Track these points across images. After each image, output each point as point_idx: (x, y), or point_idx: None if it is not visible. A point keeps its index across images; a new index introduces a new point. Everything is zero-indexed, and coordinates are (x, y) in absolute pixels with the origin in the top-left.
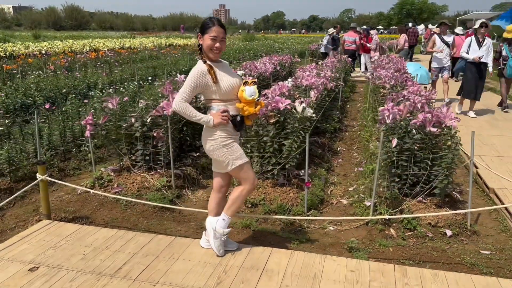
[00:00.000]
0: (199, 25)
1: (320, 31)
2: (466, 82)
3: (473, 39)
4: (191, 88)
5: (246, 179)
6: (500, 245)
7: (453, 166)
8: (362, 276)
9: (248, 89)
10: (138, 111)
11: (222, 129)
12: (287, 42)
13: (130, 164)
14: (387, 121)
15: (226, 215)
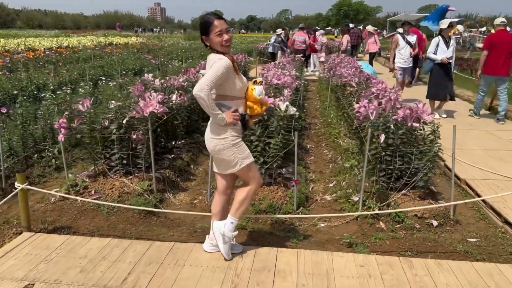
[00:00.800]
0: (200, 28)
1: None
2: (434, 83)
3: (440, 39)
4: (217, 78)
5: (253, 178)
6: (482, 232)
7: (436, 159)
8: (372, 270)
9: (258, 88)
10: (112, 113)
11: (232, 128)
12: None
13: (106, 169)
14: (371, 117)
15: (234, 217)
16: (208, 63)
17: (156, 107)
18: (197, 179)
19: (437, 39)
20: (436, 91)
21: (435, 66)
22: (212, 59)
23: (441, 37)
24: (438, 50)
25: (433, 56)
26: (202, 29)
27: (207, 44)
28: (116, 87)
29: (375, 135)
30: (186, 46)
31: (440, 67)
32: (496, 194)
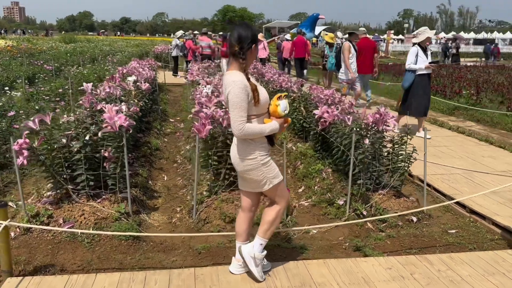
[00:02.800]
0: (248, 35)
1: (134, 34)
2: (417, 97)
3: (419, 49)
4: (243, 106)
5: (282, 197)
6: (455, 223)
7: (411, 160)
8: (401, 271)
9: (283, 103)
10: (72, 129)
11: (261, 147)
12: (112, 45)
13: (71, 193)
14: (348, 122)
15: (264, 238)
16: (223, 86)
17: (124, 120)
18: (162, 196)
19: (415, 49)
20: (418, 105)
21: (416, 78)
22: (226, 83)
23: (419, 46)
24: (418, 60)
25: (415, 67)
26: (254, 37)
27: (245, 53)
28: (22, 98)
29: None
30: (69, 50)
31: (422, 79)
32: (448, 186)
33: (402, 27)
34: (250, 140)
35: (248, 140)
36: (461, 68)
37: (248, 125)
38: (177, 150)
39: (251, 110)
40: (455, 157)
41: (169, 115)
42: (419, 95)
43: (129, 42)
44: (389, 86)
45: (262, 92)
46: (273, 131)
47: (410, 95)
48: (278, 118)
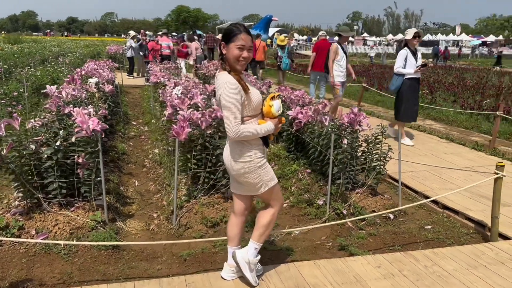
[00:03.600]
0: (223, 33)
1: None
2: (405, 102)
3: (408, 51)
4: (236, 107)
5: (277, 200)
6: (430, 219)
7: (387, 158)
8: (390, 268)
9: (276, 103)
10: (42, 134)
11: (256, 148)
12: (61, 46)
13: (43, 202)
14: (325, 123)
15: (258, 243)
16: (216, 87)
17: (97, 124)
18: (135, 202)
19: (404, 51)
20: (406, 111)
21: (405, 82)
22: (218, 83)
23: (408, 49)
24: (407, 64)
25: (404, 71)
26: (225, 35)
27: (223, 52)
28: None
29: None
30: (16, 51)
31: (411, 83)
32: (419, 183)
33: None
34: (245, 142)
35: (244, 143)
36: None
37: (243, 127)
38: (145, 154)
39: (245, 111)
40: (421, 155)
41: (131, 117)
42: (408, 100)
43: (78, 43)
44: (349, 86)
45: (255, 93)
46: (268, 132)
47: (399, 100)
48: (272, 119)
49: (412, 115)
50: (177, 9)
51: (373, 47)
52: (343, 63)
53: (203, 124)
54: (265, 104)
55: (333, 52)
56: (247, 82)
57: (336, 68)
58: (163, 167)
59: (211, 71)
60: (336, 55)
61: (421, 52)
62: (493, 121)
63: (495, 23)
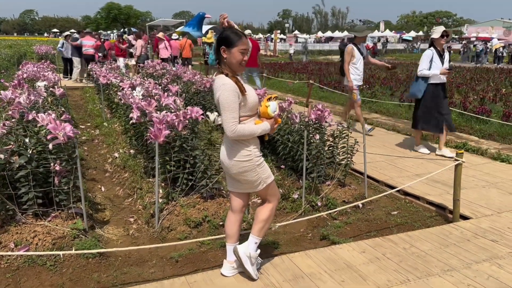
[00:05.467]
0: (223, 38)
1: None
2: (429, 110)
3: (434, 52)
4: (234, 107)
5: (274, 195)
6: (394, 205)
7: (354, 151)
8: (373, 253)
9: (272, 104)
10: (12, 143)
11: (255, 148)
12: None
13: (18, 213)
14: (296, 120)
15: (258, 237)
16: (214, 90)
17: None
18: (107, 208)
19: (429, 52)
20: (427, 119)
21: (429, 87)
22: (216, 86)
23: (434, 49)
24: (432, 66)
25: (428, 73)
26: (226, 40)
27: (224, 56)
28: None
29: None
30: None
31: (435, 88)
32: (378, 173)
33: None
34: (245, 141)
35: (244, 142)
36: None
37: (240, 126)
38: (103, 159)
39: (242, 111)
40: (374, 146)
41: (78, 121)
42: (429, 108)
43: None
44: (297, 84)
45: (251, 94)
46: (264, 131)
47: (418, 107)
48: (269, 119)
49: (437, 124)
50: (107, 6)
51: (292, 44)
52: (359, 65)
53: (180, 126)
54: (261, 104)
55: (348, 54)
56: (243, 84)
57: (353, 72)
58: (128, 170)
59: (158, 71)
60: (352, 57)
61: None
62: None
63: (416, 20)
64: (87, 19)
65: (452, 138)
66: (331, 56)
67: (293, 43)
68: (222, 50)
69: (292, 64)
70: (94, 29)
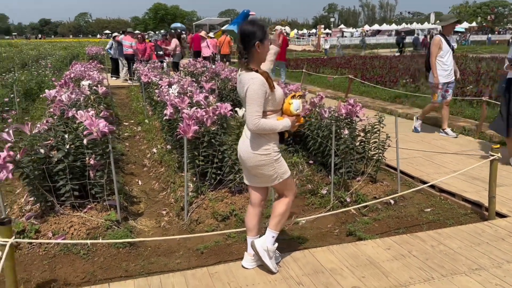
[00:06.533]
0: (254, 31)
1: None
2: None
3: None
4: (260, 102)
5: (290, 190)
6: (428, 202)
7: (385, 147)
8: (399, 250)
9: (295, 102)
10: (51, 138)
11: (274, 143)
12: (38, 49)
13: (56, 204)
14: (325, 115)
15: (275, 231)
16: (240, 84)
17: (105, 126)
18: (142, 201)
19: None
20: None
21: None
22: (244, 80)
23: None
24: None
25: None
26: (259, 34)
27: (259, 51)
28: None
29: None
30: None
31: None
32: (414, 169)
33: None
34: (265, 136)
35: (264, 136)
36: (391, 59)
37: (263, 120)
38: (142, 154)
39: (267, 106)
40: (412, 142)
41: (122, 118)
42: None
43: (55, 45)
44: (337, 79)
45: (279, 90)
46: (285, 128)
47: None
48: (290, 116)
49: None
50: (154, 6)
51: (327, 39)
52: (447, 59)
53: (208, 121)
54: (285, 101)
55: (436, 46)
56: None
57: (439, 66)
58: (164, 165)
59: (198, 69)
60: (439, 49)
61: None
62: (476, 106)
63: (468, 10)
64: (136, 20)
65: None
66: (376, 50)
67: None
68: (257, 46)
69: (335, 59)
70: (142, 29)
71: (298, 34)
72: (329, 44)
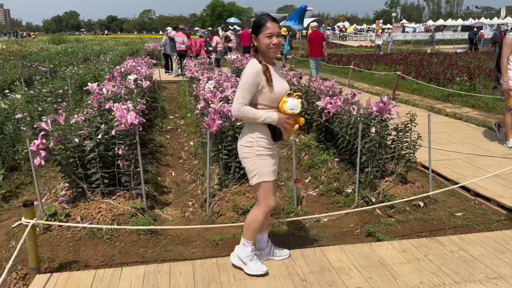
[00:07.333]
0: (252, 27)
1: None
2: None
3: None
4: (248, 89)
5: (264, 199)
6: (461, 206)
7: (416, 146)
8: (415, 253)
9: (291, 101)
10: (85, 128)
11: (260, 136)
12: (102, 44)
13: (87, 191)
14: (353, 112)
15: (246, 239)
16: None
17: (135, 118)
18: (172, 191)
19: None
20: None
21: None
22: (245, 67)
23: None
24: None
25: None
26: (253, 28)
27: (255, 44)
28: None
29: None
30: (61, 51)
31: None
32: (451, 171)
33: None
34: (251, 127)
35: (250, 127)
36: (451, 55)
37: (246, 107)
38: (181, 147)
39: (261, 99)
40: (455, 143)
41: (168, 112)
42: None
43: (118, 41)
44: (388, 76)
45: (280, 87)
46: (270, 120)
47: None
48: (284, 114)
49: None
50: (212, 3)
51: (380, 35)
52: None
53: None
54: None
55: (508, 46)
56: (277, 75)
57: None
58: (197, 158)
59: (244, 65)
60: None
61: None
62: None
63: None
64: (194, 17)
65: None
66: (438, 46)
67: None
68: (253, 38)
69: (391, 55)
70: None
71: (356, 30)
72: (382, 40)
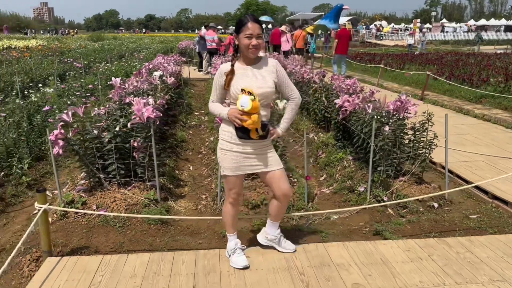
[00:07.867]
0: (235, 26)
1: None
2: None
3: None
4: (214, 88)
5: (227, 192)
6: (477, 209)
7: (432, 146)
8: (419, 253)
9: (242, 98)
10: (103, 121)
11: (226, 131)
12: (138, 42)
13: (103, 181)
14: (368, 110)
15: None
16: None
17: (151, 112)
18: (188, 185)
19: None
20: None
21: None
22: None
23: None
24: None
25: None
26: (235, 27)
27: (236, 43)
28: (54, 94)
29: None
30: (97, 48)
31: None
32: (471, 173)
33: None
34: (223, 123)
35: (223, 123)
36: (490, 56)
37: (212, 104)
38: (202, 142)
39: (230, 97)
40: (480, 145)
41: (194, 108)
42: None
43: (154, 39)
44: (420, 76)
45: (236, 87)
46: (219, 115)
47: None
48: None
49: None
50: (246, 2)
51: (412, 34)
52: None
53: None
54: None
55: None
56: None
57: None
58: (216, 153)
59: None
60: None
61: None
62: None
63: None
64: (228, 15)
65: None
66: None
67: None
68: (234, 37)
69: (427, 55)
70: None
71: (393, 29)
72: (414, 39)
